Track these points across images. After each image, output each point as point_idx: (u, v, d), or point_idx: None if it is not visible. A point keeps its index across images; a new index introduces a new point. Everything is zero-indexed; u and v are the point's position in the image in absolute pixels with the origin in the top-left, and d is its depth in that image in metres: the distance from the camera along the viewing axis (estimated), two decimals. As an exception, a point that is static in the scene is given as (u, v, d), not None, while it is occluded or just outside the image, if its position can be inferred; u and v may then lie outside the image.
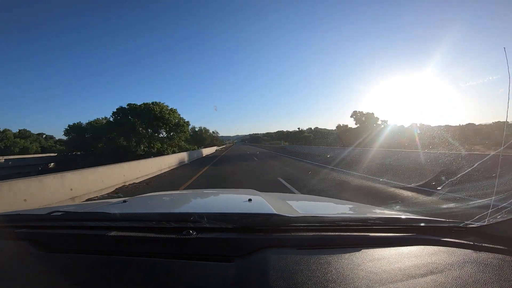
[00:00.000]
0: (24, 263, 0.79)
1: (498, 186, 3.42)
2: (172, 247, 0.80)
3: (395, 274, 0.65)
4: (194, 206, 1.53)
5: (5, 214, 1.13)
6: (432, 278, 0.63)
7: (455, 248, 0.78)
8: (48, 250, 0.85)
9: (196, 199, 1.74)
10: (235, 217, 0.91)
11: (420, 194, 4.98)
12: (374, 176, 7.30)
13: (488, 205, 0.91)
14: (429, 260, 0.71)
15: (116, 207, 1.28)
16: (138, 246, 0.82)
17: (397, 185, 5.87)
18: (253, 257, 0.73)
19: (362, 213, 1.25)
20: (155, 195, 1.96)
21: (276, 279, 0.63)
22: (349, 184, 6.35)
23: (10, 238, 0.92)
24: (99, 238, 0.85)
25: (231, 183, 7.19)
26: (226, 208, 1.36)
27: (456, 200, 4.49)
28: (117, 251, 0.81)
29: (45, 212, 1.04)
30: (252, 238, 0.82)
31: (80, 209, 1.28)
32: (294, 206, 1.25)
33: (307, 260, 0.70)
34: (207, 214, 0.88)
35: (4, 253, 0.85)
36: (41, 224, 1.02)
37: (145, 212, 1.18)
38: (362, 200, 4.54)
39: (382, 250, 0.77)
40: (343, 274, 0.65)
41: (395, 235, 0.86)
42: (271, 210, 1.03)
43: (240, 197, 1.64)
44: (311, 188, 5.89)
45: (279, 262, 0.69)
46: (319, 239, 0.83)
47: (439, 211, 3.86)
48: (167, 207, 1.48)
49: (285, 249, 0.77)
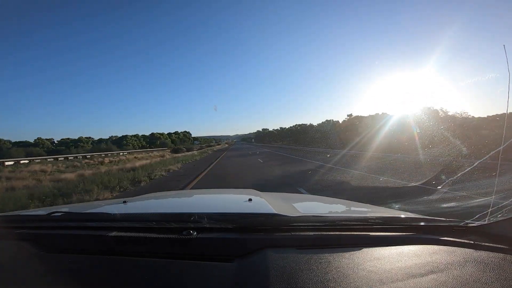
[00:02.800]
0: (24, 263, 0.79)
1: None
2: (173, 247, 0.80)
3: (395, 273, 0.65)
4: (195, 206, 1.53)
5: (5, 214, 1.13)
6: (433, 277, 0.63)
7: (455, 247, 0.78)
8: (49, 251, 0.85)
9: (196, 199, 1.74)
10: (236, 217, 0.91)
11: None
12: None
13: (488, 204, 0.90)
14: (429, 259, 0.71)
15: (116, 208, 1.28)
16: (138, 246, 0.82)
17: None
18: (253, 257, 0.73)
19: (363, 213, 1.25)
20: (155, 195, 1.97)
21: (277, 279, 0.63)
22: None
23: (11, 239, 0.92)
24: (100, 239, 0.85)
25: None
26: (226, 208, 1.36)
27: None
28: (117, 251, 0.81)
29: (46, 213, 1.04)
30: (253, 238, 0.82)
31: (81, 209, 1.28)
32: (295, 206, 1.25)
33: (308, 259, 0.70)
34: (207, 214, 0.88)
35: (5, 254, 0.85)
36: (41, 224, 1.02)
37: (145, 213, 1.18)
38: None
39: (383, 250, 0.77)
40: (344, 273, 0.64)
41: (395, 234, 0.86)
42: (271, 210, 1.03)
43: (240, 197, 1.64)
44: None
45: (279, 262, 0.69)
46: (320, 238, 0.83)
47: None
48: (167, 207, 1.48)
49: (285, 249, 0.77)
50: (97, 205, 1.65)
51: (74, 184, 7.65)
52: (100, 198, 5.87)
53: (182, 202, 1.65)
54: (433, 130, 11.88)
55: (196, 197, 1.83)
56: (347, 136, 22.93)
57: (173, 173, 10.97)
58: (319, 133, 35.19)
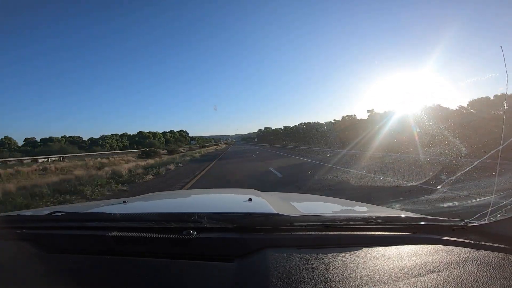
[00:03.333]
0: (24, 263, 0.79)
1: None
2: (173, 247, 0.80)
3: (395, 273, 0.65)
4: (194, 206, 1.53)
5: (5, 214, 1.13)
6: (433, 276, 0.63)
7: (455, 246, 0.78)
8: (49, 251, 0.85)
9: (196, 199, 1.74)
10: (236, 217, 0.91)
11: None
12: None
13: (488, 203, 0.91)
14: (429, 259, 0.71)
15: (116, 208, 1.28)
16: (138, 246, 0.82)
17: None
18: (253, 257, 0.73)
19: (363, 212, 1.25)
20: (155, 195, 1.97)
21: (277, 279, 0.63)
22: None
23: (11, 239, 0.92)
24: (100, 239, 0.85)
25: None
26: (226, 208, 1.36)
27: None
28: (117, 251, 0.81)
29: (46, 213, 1.04)
30: (253, 238, 0.82)
31: (81, 209, 1.28)
32: (295, 206, 1.25)
33: (308, 259, 0.70)
34: (207, 214, 0.88)
35: (5, 254, 0.85)
36: (41, 224, 1.02)
37: (145, 212, 1.18)
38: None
39: (383, 249, 0.77)
40: (344, 273, 0.64)
41: (395, 234, 0.86)
42: (271, 209, 1.03)
43: (240, 197, 1.64)
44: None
45: (279, 261, 0.69)
46: (320, 238, 0.83)
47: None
48: (167, 207, 1.48)
49: (285, 248, 0.77)
50: (97, 205, 1.65)
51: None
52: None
53: (182, 202, 1.65)
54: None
55: (196, 197, 1.83)
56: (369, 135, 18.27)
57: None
58: (333, 131, 31.85)
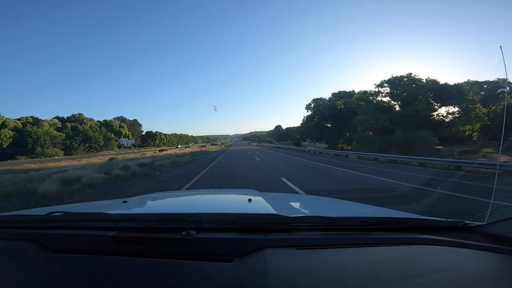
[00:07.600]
0: (23, 263, 0.79)
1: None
2: (172, 248, 0.80)
3: (394, 274, 0.65)
4: (194, 206, 1.53)
5: (5, 214, 1.12)
6: (432, 277, 0.63)
7: (454, 247, 0.78)
8: (48, 251, 0.85)
9: (196, 199, 1.74)
10: (235, 217, 0.91)
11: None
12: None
13: (487, 204, 0.91)
14: (428, 259, 0.71)
15: (116, 208, 1.28)
16: (137, 246, 0.82)
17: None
18: (253, 257, 0.73)
19: (361, 213, 1.25)
20: (155, 195, 1.97)
21: (276, 279, 0.63)
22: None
23: (10, 239, 0.92)
24: (99, 239, 0.85)
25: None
26: (226, 208, 1.36)
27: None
28: (116, 251, 0.81)
29: (45, 213, 1.03)
30: (252, 238, 0.82)
31: (80, 209, 1.28)
32: (294, 206, 1.25)
33: (307, 260, 0.70)
34: (207, 214, 0.88)
35: (4, 254, 0.85)
36: (41, 224, 1.02)
37: (144, 213, 1.18)
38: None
39: (382, 250, 0.77)
40: (343, 274, 0.65)
41: (394, 234, 0.86)
42: (271, 210, 1.03)
43: (240, 197, 1.64)
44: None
45: (279, 262, 0.69)
46: (319, 239, 0.83)
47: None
48: (167, 208, 1.48)
49: (285, 249, 0.77)
50: (97, 205, 1.65)
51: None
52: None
53: (182, 202, 1.65)
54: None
55: (196, 197, 1.83)
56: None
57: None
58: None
